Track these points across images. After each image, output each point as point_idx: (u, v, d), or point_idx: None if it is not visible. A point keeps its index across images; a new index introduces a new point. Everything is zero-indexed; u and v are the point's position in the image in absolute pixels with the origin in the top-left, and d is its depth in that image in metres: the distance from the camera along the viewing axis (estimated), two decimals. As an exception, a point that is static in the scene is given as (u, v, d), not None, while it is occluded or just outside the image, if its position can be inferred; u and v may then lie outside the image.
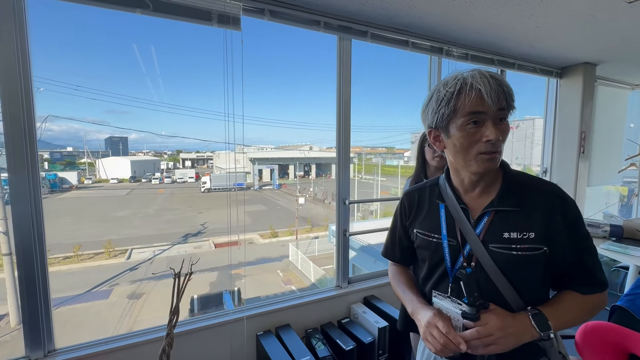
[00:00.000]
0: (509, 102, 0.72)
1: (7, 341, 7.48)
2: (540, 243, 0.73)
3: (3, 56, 1.31)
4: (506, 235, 0.74)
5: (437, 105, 0.77)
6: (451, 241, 0.81)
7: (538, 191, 0.77)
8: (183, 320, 1.67)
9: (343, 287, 2.18)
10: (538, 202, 0.75)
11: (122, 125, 54.53)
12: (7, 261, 8.14)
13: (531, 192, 0.77)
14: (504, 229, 0.75)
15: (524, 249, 0.73)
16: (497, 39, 2.31)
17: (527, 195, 0.76)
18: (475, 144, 0.73)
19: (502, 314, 0.71)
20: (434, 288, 0.83)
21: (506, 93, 0.72)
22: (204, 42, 51.34)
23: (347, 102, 2.07)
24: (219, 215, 17.03)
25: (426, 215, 0.89)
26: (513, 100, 0.74)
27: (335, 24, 1.92)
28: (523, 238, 0.73)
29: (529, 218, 0.74)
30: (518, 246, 0.73)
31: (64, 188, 23.08)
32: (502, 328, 0.69)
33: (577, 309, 0.76)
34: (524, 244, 0.73)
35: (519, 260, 0.73)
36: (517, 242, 0.74)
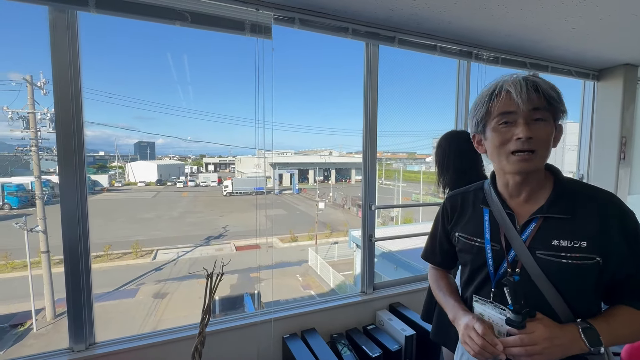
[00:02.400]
0: (549, 102, 0.71)
1: (43, 334, 7.92)
2: (593, 253, 0.70)
3: (58, 66, 1.42)
4: (555, 243, 0.72)
5: (475, 110, 0.80)
6: (494, 246, 0.80)
7: (593, 199, 0.74)
8: (210, 320, 1.71)
9: (368, 293, 2.16)
10: (592, 211, 0.72)
11: (150, 131, 57.06)
12: (44, 258, 8.68)
13: (585, 200, 0.74)
14: (553, 236, 0.73)
15: (575, 258, 0.70)
16: (530, 42, 2.24)
17: (580, 203, 0.73)
18: (507, 143, 0.73)
19: (550, 324, 0.69)
20: (475, 293, 0.83)
21: (543, 94, 0.71)
22: (235, 51, 52.96)
23: (374, 108, 2.08)
24: (240, 219, 17.36)
25: (469, 219, 0.88)
26: (556, 101, 0.72)
27: (363, 31, 1.94)
28: (574, 247, 0.71)
29: (582, 226, 0.71)
30: (568, 254, 0.71)
31: (96, 190, 24.37)
32: (549, 338, 0.66)
33: (631, 325, 0.72)
34: (575, 252, 0.70)
35: (568, 269, 0.71)
36: (567, 251, 0.71)
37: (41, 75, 9.07)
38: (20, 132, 9.29)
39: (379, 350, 1.81)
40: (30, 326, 8.01)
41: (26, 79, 8.96)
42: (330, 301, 2.07)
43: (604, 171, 2.98)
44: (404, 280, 2.33)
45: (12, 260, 10.71)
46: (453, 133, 1.55)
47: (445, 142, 1.52)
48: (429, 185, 20.34)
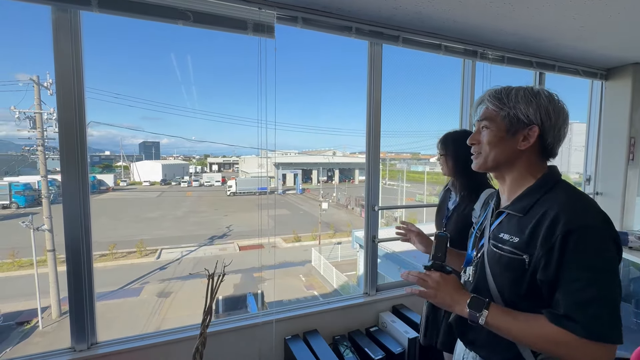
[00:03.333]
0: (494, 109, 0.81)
1: (48, 332, 8.01)
2: (520, 250, 0.74)
3: (60, 66, 1.42)
4: (501, 235, 0.81)
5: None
6: (477, 233, 0.94)
7: (550, 203, 0.73)
8: (212, 321, 1.71)
9: (371, 295, 2.14)
10: (540, 212, 0.74)
11: (156, 131, 57.53)
12: (50, 257, 8.77)
13: (543, 202, 0.75)
14: (503, 230, 0.81)
15: (506, 251, 0.77)
16: (537, 41, 2.21)
17: (538, 204, 0.76)
18: None
19: (450, 279, 0.81)
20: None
21: (488, 104, 0.83)
22: (238, 51, 53.25)
23: (377, 108, 2.06)
24: (244, 219, 17.41)
25: (483, 210, 1.02)
26: (497, 106, 0.81)
27: (367, 30, 1.92)
28: (509, 241, 0.77)
29: (524, 224, 0.76)
30: (504, 247, 0.78)
31: (102, 189, 24.61)
32: (438, 282, 0.81)
33: (530, 325, 0.70)
34: (508, 246, 0.77)
35: (499, 260, 0.79)
36: (504, 243, 0.78)
37: (47, 76, 9.16)
38: (27, 131, 9.41)
39: (381, 352, 1.79)
40: (36, 324, 8.10)
41: (33, 79, 9.05)
42: (333, 302, 2.05)
43: (612, 172, 2.93)
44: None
45: (19, 258, 10.85)
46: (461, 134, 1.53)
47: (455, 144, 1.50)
48: (433, 185, 20.24)
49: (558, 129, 0.78)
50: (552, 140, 0.79)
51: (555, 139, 0.79)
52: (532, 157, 0.80)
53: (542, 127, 0.77)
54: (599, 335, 0.64)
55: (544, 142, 0.79)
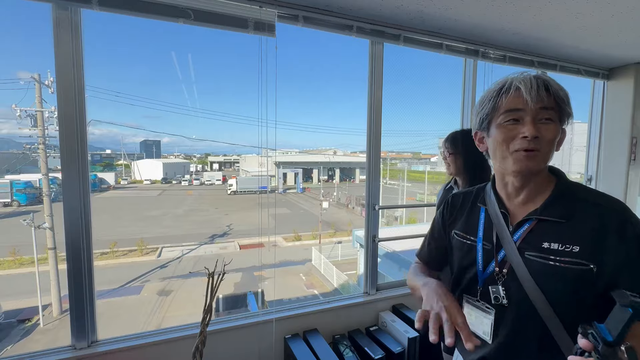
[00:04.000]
0: (558, 103, 0.70)
1: (49, 329, 8.03)
2: (585, 259, 0.66)
3: (61, 64, 1.42)
4: (546, 245, 0.70)
5: (481, 106, 0.79)
6: (486, 245, 0.79)
7: (596, 205, 0.70)
8: (212, 319, 1.71)
9: (371, 294, 2.14)
10: (591, 216, 0.68)
11: (156, 129, 57.58)
12: (51, 255, 8.80)
13: (586, 205, 0.70)
14: (545, 239, 0.71)
15: (564, 262, 0.68)
16: (538, 40, 2.20)
17: (579, 207, 0.70)
18: (512, 140, 0.72)
19: None
20: (464, 293, 0.83)
21: (553, 94, 0.70)
22: (239, 50, 53.24)
23: (378, 107, 2.05)
24: (244, 217, 17.43)
25: (467, 217, 0.88)
26: (564, 103, 0.71)
27: (368, 28, 1.91)
28: (565, 250, 0.68)
29: (577, 231, 0.68)
30: (557, 257, 0.68)
31: (103, 188, 24.65)
32: None
33: None
34: (565, 256, 0.68)
35: (556, 272, 0.68)
36: (557, 254, 0.68)
37: (48, 74, 9.17)
38: (29, 130, 9.43)
39: (381, 352, 1.79)
40: (37, 322, 8.13)
41: (34, 77, 9.06)
42: (333, 302, 2.05)
43: (613, 172, 2.92)
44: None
45: (20, 256, 10.88)
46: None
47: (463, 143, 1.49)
48: (434, 185, 20.23)
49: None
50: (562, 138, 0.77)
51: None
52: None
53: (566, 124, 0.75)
54: None
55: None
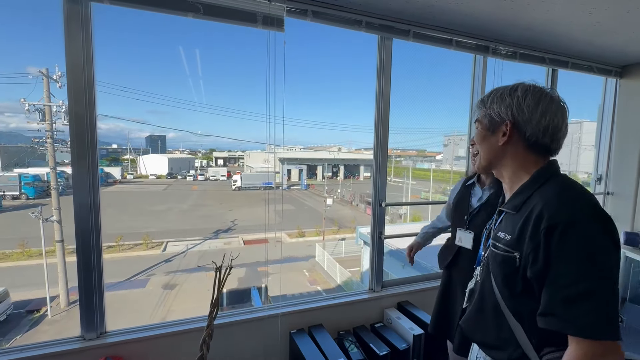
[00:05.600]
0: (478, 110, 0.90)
1: (57, 320, 8.18)
2: (512, 247, 0.76)
3: (71, 59, 1.43)
4: (499, 234, 0.82)
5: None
6: (487, 232, 0.95)
7: (538, 198, 0.74)
8: (218, 313, 1.72)
9: (377, 291, 2.14)
10: (529, 208, 0.75)
11: (162, 125, 57.95)
12: (59, 247, 8.93)
13: (533, 198, 0.76)
14: (500, 229, 0.83)
15: (501, 249, 0.79)
16: (550, 36, 2.16)
17: (529, 201, 0.77)
18: None
19: None
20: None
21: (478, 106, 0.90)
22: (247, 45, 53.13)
23: (386, 103, 2.04)
24: (248, 213, 17.50)
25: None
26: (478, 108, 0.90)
27: (377, 23, 1.90)
28: (504, 239, 0.79)
29: (515, 221, 0.77)
30: (498, 244, 0.80)
31: (109, 182, 24.90)
32: None
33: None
34: (502, 244, 0.79)
35: (494, 257, 0.82)
36: (499, 241, 0.80)
37: (57, 69, 9.25)
38: (37, 124, 9.53)
39: (386, 348, 1.79)
40: (45, 313, 8.28)
41: (42, 72, 9.14)
42: (338, 298, 2.06)
43: (624, 172, 2.87)
44: (413, 279, 2.30)
45: (29, 248, 11.06)
46: None
47: None
48: (439, 183, 20.11)
49: (536, 122, 0.78)
50: (532, 133, 0.79)
51: (537, 132, 0.78)
52: (520, 152, 0.82)
53: (514, 121, 0.80)
54: (591, 331, 0.62)
55: (525, 136, 0.80)
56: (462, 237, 1.50)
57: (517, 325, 0.76)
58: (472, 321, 0.89)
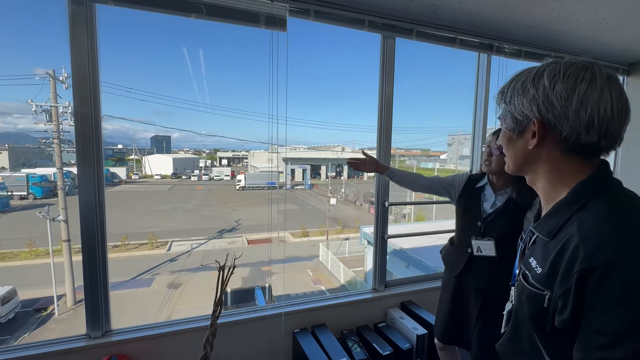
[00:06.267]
0: (502, 106, 0.70)
1: (64, 319, 8.28)
2: (542, 284, 0.60)
3: (76, 60, 1.44)
4: (530, 260, 0.65)
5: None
6: (522, 247, 0.78)
7: (576, 228, 0.56)
8: (222, 312, 1.73)
9: (380, 290, 2.13)
10: (564, 237, 0.57)
11: (167, 125, 58.41)
12: (65, 247, 9.03)
13: (572, 223, 0.57)
14: (532, 254, 0.66)
15: (529, 282, 0.63)
16: (556, 34, 2.14)
17: (566, 226, 0.59)
18: None
19: None
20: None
21: (498, 99, 0.71)
22: (250, 45, 53.29)
23: (389, 103, 2.03)
24: (252, 213, 17.55)
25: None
26: (499, 102, 0.70)
27: (380, 23, 1.89)
28: (534, 269, 0.63)
29: (548, 252, 0.60)
30: (529, 274, 0.64)
31: (115, 182, 25.13)
32: None
33: None
34: (531, 275, 0.63)
35: (522, 291, 0.66)
36: (530, 271, 0.64)
37: (63, 70, 9.35)
38: (44, 125, 9.66)
39: (389, 348, 1.79)
40: (52, 311, 8.38)
41: (49, 73, 9.25)
42: (341, 297, 2.06)
43: (631, 173, 2.83)
44: (417, 279, 2.30)
45: (36, 247, 11.21)
46: None
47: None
48: (443, 182, 19.90)
49: (574, 115, 0.57)
50: (571, 132, 0.58)
51: (578, 129, 0.57)
52: (556, 157, 0.62)
53: (543, 119, 0.61)
54: None
55: (561, 136, 0.60)
56: (482, 246, 1.40)
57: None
58: (506, 347, 0.77)
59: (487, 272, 1.41)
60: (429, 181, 1.66)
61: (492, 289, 1.37)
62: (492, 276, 1.38)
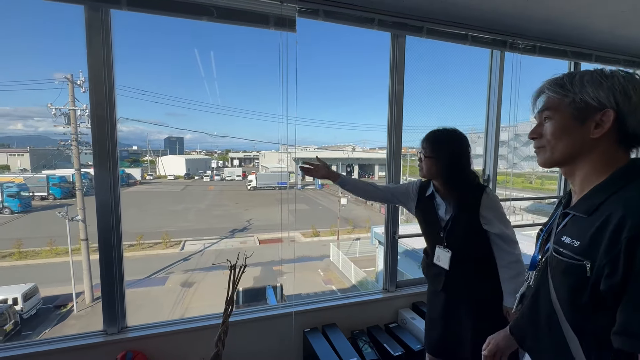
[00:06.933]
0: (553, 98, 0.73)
1: (82, 315, 8.53)
2: (580, 255, 0.66)
3: (93, 65, 1.49)
4: (563, 239, 0.72)
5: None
6: (544, 236, 0.85)
7: (619, 203, 0.63)
8: (233, 310, 1.75)
9: (391, 291, 2.12)
10: (606, 213, 0.64)
11: (180, 126, 59.64)
12: (84, 246, 9.31)
13: (612, 202, 0.64)
14: (566, 233, 0.73)
15: (565, 255, 0.69)
16: (572, 28, 2.08)
17: (606, 204, 0.65)
18: None
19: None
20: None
21: (546, 93, 0.75)
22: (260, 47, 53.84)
23: (399, 102, 2.02)
24: (263, 213, 17.67)
25: (556, 209, 0.94)
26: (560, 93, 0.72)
27: (390, 21, 1.88)
28: (570, 245, 0.69)
29: (586, 226, 0.67)
30: (563, 251, 0.70)
31: (130, 183, 25.75)
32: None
33: None
34: (567, 250, 0.69)
35: (557, 266, 0.72)
36: (565, 247, 0.70)
37: (80, 74, 9.64)
38: (63, 127, 9.97)
39: (400, 349, 1.77)
40: (72, 308, 8.66)
41: (67, 77, 9.55)
42: (352, 297, 2.05)
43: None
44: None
45: (56, 246, 11.60)
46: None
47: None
48: (456, 182, 19.56)
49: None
50: (635, 125, 0.66)
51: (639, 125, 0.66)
52: (610, 147, 0.69)
53: (618, 109, 0.66)
54: None
55: (624, 128, 0.66)
56: (440, 255, 1.38)
57: (573, 339, 0.68)
58: (522, 327, 0.84)
59: (464, 280, 1.37)
60: (382, 191, 1.58)
61: (481, 301, 1.34)
62: (475, 288, 1.35)
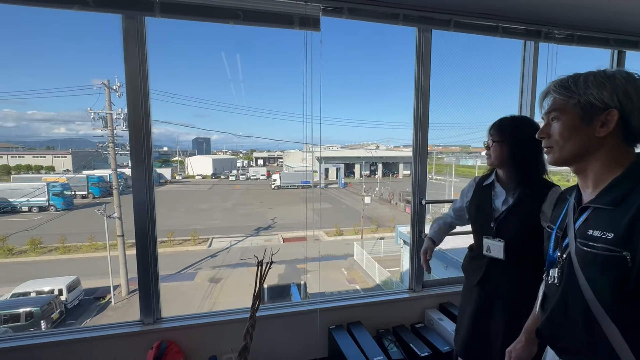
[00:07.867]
0: (561, 100, 0.76)
1: (119, 307, 9.07)
2: (618, 246, 0.65)
3: (129, 71, 1.58)
4: (590, 232, 0.72)
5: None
6: (558, 233, 0.84)
7: None
8: (260, 306, 1.80)
9: (417, 291, 2.08)
10: (635, 202, 0.65)
11: (207, 127, 61.81)
12: (120, 242, 9.89)
13: (638, 192, 0.67)
14: (591, 226, 0.73)
15: (599, 248, 0.69)
16: (615, 14, 1.93)
17: (633, 193, 0.67)
18: None
19: None
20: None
21: (555, 94, 0.77)
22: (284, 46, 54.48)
23: (425, 98, 1.97)
24: (287, 211, 17.91)
25: (556, 209, 0.94)
26: (567, 95, 0.75)
27: (415, 15, 1.84)
28: (601, 237, 0.69)
29: (617, 217, 0.68)
30: (593, 244, 0.70)
31: (161, 182, 27.03)
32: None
33: None
34: (600, 243, 0.69)
35: (594, 260, 0.70)
36: (595, 241, 0.70)
37: (116, 80, 10.23)
38: (100, 130, 10.63)
39: (427, 350, 1.74)
40: (109, 300, 9.23)
41: (104, 83, 10.17)
42: (377, 296, 2.04)
43: None
44: (456, 280, 2.20)
45: (95, 242, 12.41)
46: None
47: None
48: (485, 180, 18.79)
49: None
50: (638, 123, 0.70)
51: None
52: (616, 144, 0.73)
53: (622, 109, 0.70)
54: None
55: (628, 126, 0.71)
56: (491, 246, 1.31)
57: (614, 332, 0.68)
58: (553, 327, 0.82)
59: (504, 276, 1.30)
60: (452, 217, 1.62)
61: (521, 297, 1.24)
62: (518, 282, 1.27)
